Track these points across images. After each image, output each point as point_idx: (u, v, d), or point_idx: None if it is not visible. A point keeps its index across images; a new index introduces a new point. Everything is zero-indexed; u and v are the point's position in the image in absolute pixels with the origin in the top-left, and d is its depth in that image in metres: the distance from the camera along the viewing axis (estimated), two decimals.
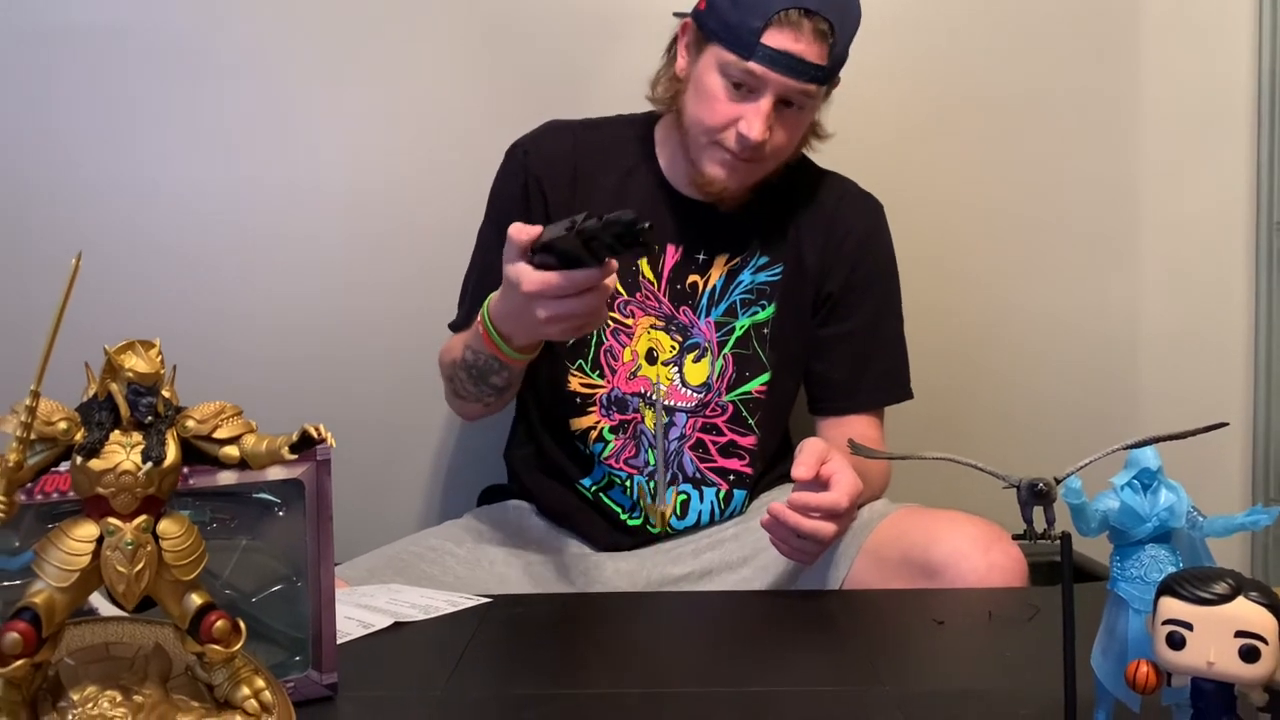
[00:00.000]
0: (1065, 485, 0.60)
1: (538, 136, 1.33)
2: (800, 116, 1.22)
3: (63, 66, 1.60)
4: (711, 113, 1.20)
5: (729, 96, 1.18)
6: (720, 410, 1.29)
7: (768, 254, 1.30)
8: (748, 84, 1.17)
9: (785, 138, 1.22)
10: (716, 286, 1.29)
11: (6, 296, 1.59)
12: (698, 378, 1.29)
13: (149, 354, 0.55)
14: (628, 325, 1.28)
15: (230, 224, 1.62)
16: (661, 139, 1.33)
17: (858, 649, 0.87)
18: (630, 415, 1.28)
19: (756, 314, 1.30)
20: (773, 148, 1.21)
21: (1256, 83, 1.63)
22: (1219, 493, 1.65)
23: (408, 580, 1.16)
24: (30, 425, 0.52)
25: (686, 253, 1.29)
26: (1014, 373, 1.66)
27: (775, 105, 1.18)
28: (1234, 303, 1.66)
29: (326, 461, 0.75)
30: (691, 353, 1.29)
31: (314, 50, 1.61)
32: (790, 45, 1.14)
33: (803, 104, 1.20)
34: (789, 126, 1.21)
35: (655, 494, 1.21)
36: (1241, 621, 0.53)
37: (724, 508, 1.30)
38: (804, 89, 1.17)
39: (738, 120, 1.18)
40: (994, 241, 1.65)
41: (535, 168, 1.30)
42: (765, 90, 1.17)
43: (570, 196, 1.29)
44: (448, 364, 1.24)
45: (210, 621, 0.58)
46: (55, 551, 0.54)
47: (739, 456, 1.30)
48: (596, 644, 0.93)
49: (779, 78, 1.15)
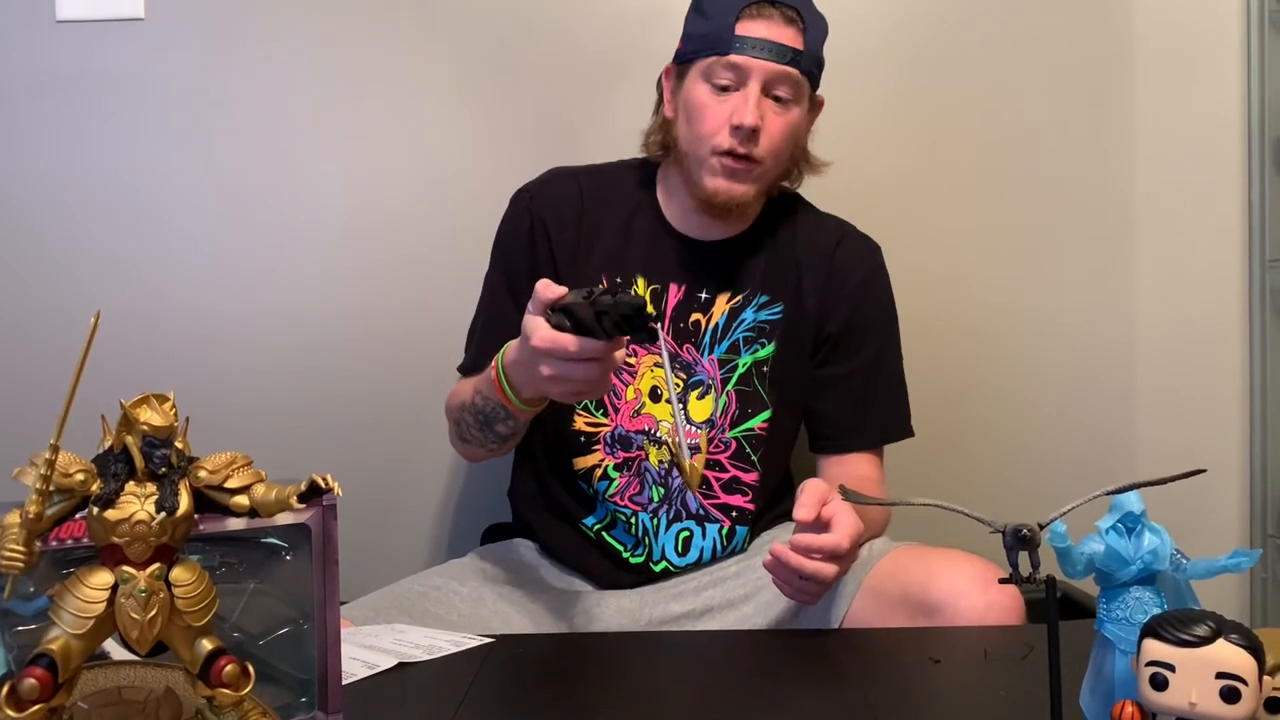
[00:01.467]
0: (1050, 530, 0.62)
1: (543, 182, 1.37)
2: (788, 114, 1.25)
3: (79, 108, 1.63)
4: (703, 121, 1.24)
5: (717, 100, 1.23)
6: (724, 446, 1.31)
7: (768, 293, 1.33)
8: (732, 80, 1.22)
9: (778, 134, 1.24)
10: (719, 324, 1.31)
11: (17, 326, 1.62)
12: (702, 414, 1.30)
13: (163, 407, 0.57)
14: (630, 364, 1.30)
15: (233, 264, 1.65)
16: (662, 181, 1.36)
17: (855, 688, 0.88)
18: (634, 453, 1.30)
19: (757, 351, 1.31)
20: (768, 146, 1.24)
21: (1247, 119, 1.66)
22: (1216, 532, 1.66)
23: (412, 619, 1.17)
24: (49, 477, 0.54)
25: (689, 291, 1.31)
26: (1008, 413, 1.67)
27: (762, 96, 1.22)
28: (1228, 340, 1.67)
29: (333, 506, 0.76)
30: (695, 389, 1.31)
31: (318, 85, 1.64)
32: (764, 32, 1.21)
33: (787, 95, 1.23)
34: (780, 124, 1.24)
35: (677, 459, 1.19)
36: (1222, 663, 0.54)
37: (726, 544, 1.31)
38: (785, 72, 1.21)
39: (730, 118, 1.22)
40: (985, 280, 1.66)
41: (540, 212, 1.33)
42: (749, 78, 1.21)
43: (576, 240, 1.32)
44: (455, 407, 1.26)
45: (220, 666, 0.59)
46: (71, 599, 0.56)
47: (742, 493, 1.31)
48: (599, 684, 0.94)
49: (759, 62, 1.20)
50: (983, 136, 1.65)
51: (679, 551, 1.30)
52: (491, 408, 1.17)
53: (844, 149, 1.63)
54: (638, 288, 1.31)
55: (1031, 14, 1.64)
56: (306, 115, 1.64)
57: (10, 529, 0.54)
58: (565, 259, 1.32)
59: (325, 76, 1.64)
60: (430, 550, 1.67)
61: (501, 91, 1.62)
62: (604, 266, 1.32)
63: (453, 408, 1.28)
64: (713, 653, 1.05)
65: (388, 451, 1.65)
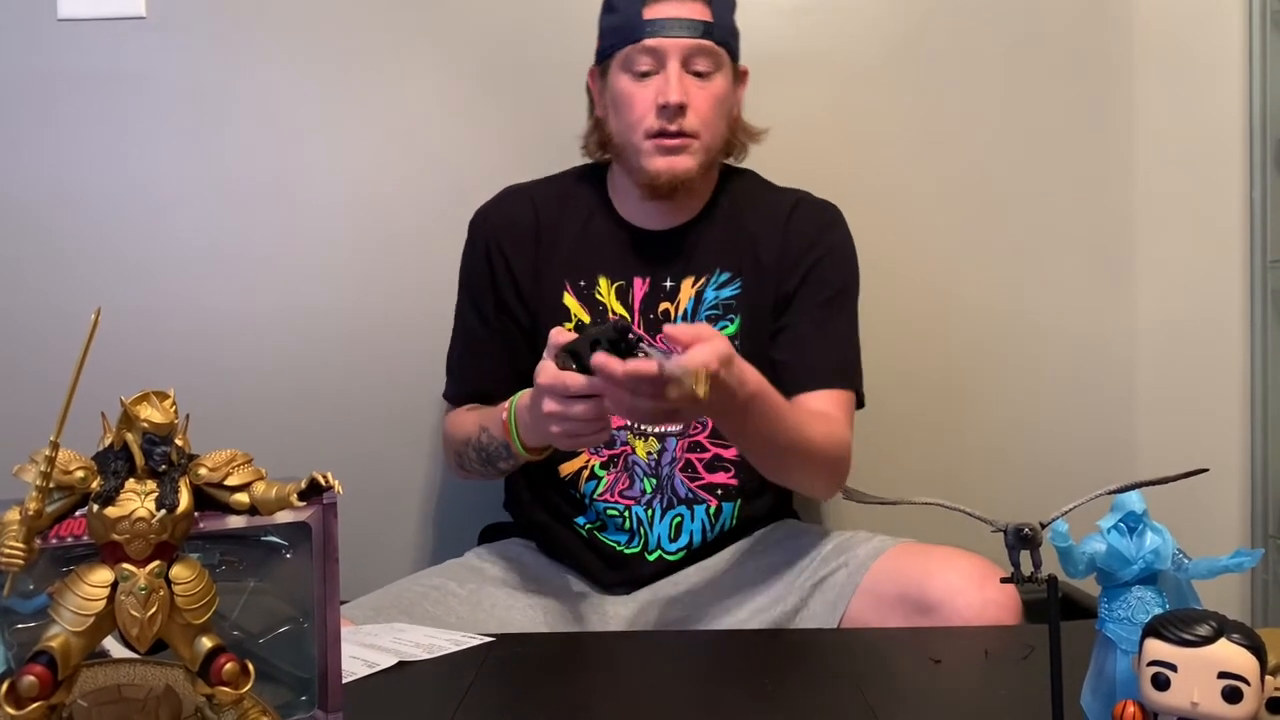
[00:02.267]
0: (1051, 529, 0.61)
1: (496, 203, 1.39)
2: (712, 85, 1.26)
3: (80, 107, 1.63)
4: (631, 109, 1.26)
5: (641, 86, 1.25)
6: (701, 426, 1.31)
7: (728, 269, 1.33)
8: (651, 64, 1.24)
9: (705, 105, 1.25)
10: (688, 309, 1.32)
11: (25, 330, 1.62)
12: None
13: (163, 405, 0.57)
14: None
15: (234, 262, 1.65)
16: (611, 179, 1.38)
17: (854, 688, 0.88)
18: (619, 449, 1.30)
19: (725, 329, 1.31)
20: (698, 118, 1.25)
21: (1248, 120, 1.66)
22: (1217, 532, 1.66)
23: (411, 619, 1.17)
24: (49, 474, 0.54)
25: (654, 282, 1.32)
26: (1009, 413, 1.67)
27: (683, 73, 1.24)
28: (1229, 340, 1.67)
29: (333, 505, 0.76)
30: None
31: (319, 84, 1.64)
32: (672, 11, 1.23)
33: (707, 67, 1.25)
34: (706, 95, 1.26)
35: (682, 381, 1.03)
36: (1224, 663, 0.54)
37: (714, 523, 1.31)
38: (699, 45, 1.24)
39: (655, 99, 1.24)
40: (985, 280, 1.66)
41: (494, 233, 1.35)
42: (667, 58, 1.23)
43: (535, 254, 1.34)
44: (458, 439, 1.28)
45: (220, 664, 0.59)
46: (71, 596, 0.56)
47: (724, 469, 1.31)
48: (598, 684, 0.94)
49: (673, 40, 1.23)
50: (982, 137, 1.65)
51: (671, 538, 1.30)
52: (495, 447, 1.20)
53: (844, 150, 1.64)
54: (600, 289, 1.32)
55: (1032, 15, 1.64)
56: (308, 113, 1.64)
57: (10, 526, 0.54)
58: (526, 275, 1.34)
59: (327, 75, 1.64)
60: (429, 549, 1.67)
61: (504, 92, 1.62)
62: (566, 274, 1.33)
63: (454, 439, 1.30)
64: (713, 653, 1.05)
65: (386, 450, 1.65)
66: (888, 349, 1.60)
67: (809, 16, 1.63)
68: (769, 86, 1.62)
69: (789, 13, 1.63)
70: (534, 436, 1.12)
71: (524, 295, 1.34)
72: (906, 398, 1.63)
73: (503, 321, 1.35)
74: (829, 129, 1.64)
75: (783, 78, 1.63)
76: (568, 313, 1.32)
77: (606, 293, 1.32)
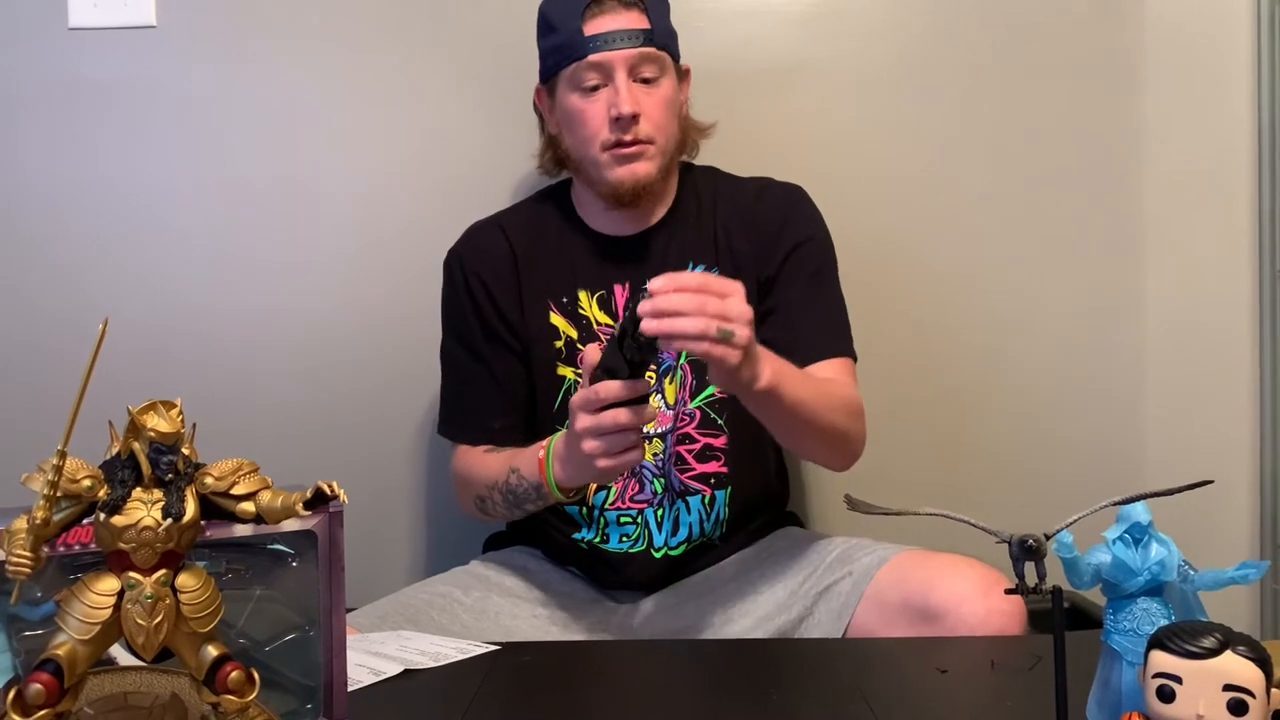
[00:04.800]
0: (1056, 540, 0.61)
1: (466, 239, 1.40)
2: (660, 90, 1.28)
3: (90, 115, 1.64)
4: (584, 124, 1.28)
5: (590, 101, 1.27)
6: (689, 418, 1.31)
7: (703, 262, 1.33)
8: (598, 78, 1.26)
9: (656, 110, 1.28)
10: None
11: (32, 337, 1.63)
12: (673, 395, 1.32)
13: (170, 414, 0.57)
14: None
15: (243, 270, 1.65)
16: (575, 193, 1.39)
17: (860, 698, 0.88)
18: None
19: None
20: (651, 124, 1.27)
21: (1257, 127, 1.65)
22: (1225, 543, 1.65)
23: (417, 627, 1.17)
24: (57, 483, 0.54)
25: (633, 287, 1.33)
26: (1015, 421, 1.66)
27: (631, 81, 1.26)
28: (1238, 349, 1.66)
29: (339, 514, 0.76)
30: (667, 375, 1.32)
31: (328, 92, 1.65)
32: (610, 24, 1.25)
33: (652, 73, 1.27)
34: (656, 101, 1.28)
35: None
36: (1230, 675, 0.54)
37: (709, 513, 1.31)
38: (642, 53, 1.26)
39: (608, 112, 1.26)
40: (992, 288, 1.66)
41: (473, 268, 1.36)
42: (613, 70, 1.25)
43: (515, 283, 1.35)
44: (481, 483, 1.27)
45: (226, 672, 0.59)
46: (78, 604, 0.56)
47: (715, 458, 1.31)
48: (603, 693, 0.94)
49: (615, 53, 1.25)
50: (991, 143, 1.65)
51: (672, 532, 1.30)
52: (525, 488, 1.19)
53: (852, 157, 1.64)
54: (582, 303, 1.33)
55: (1041, 21, 1.64)
56: (317, 121, 1.65)
57: (18, 534, 0.54)
58: (510, 303, 1.34)
59: (335, 83, 1.65)
60: (434, 557, 1.67)
61: (510, 97, 1.62)
62: (548, 294, 1.34)
63: (475, 483, 1.29)
64: (718, 662, 1.05)
65: (392, 458, 1.65)
66: (894, 356, 1.60)
67: (817, 24, 1.63)
68: (779, 94, 1.63)
69: (798, 21, 1.63)
70: (569, 472, 1.11)
71: (511, 324, 1.35)
72: (912, 405, 1.63)
73: (496, 352, 1.35)
74: (838, 136, 1.64)
75: (792, 85, 1.63)
76: (557, 331, 1.33)
77: (589, 305, 1.33)
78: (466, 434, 1.36)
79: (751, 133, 1.61)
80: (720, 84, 1.57)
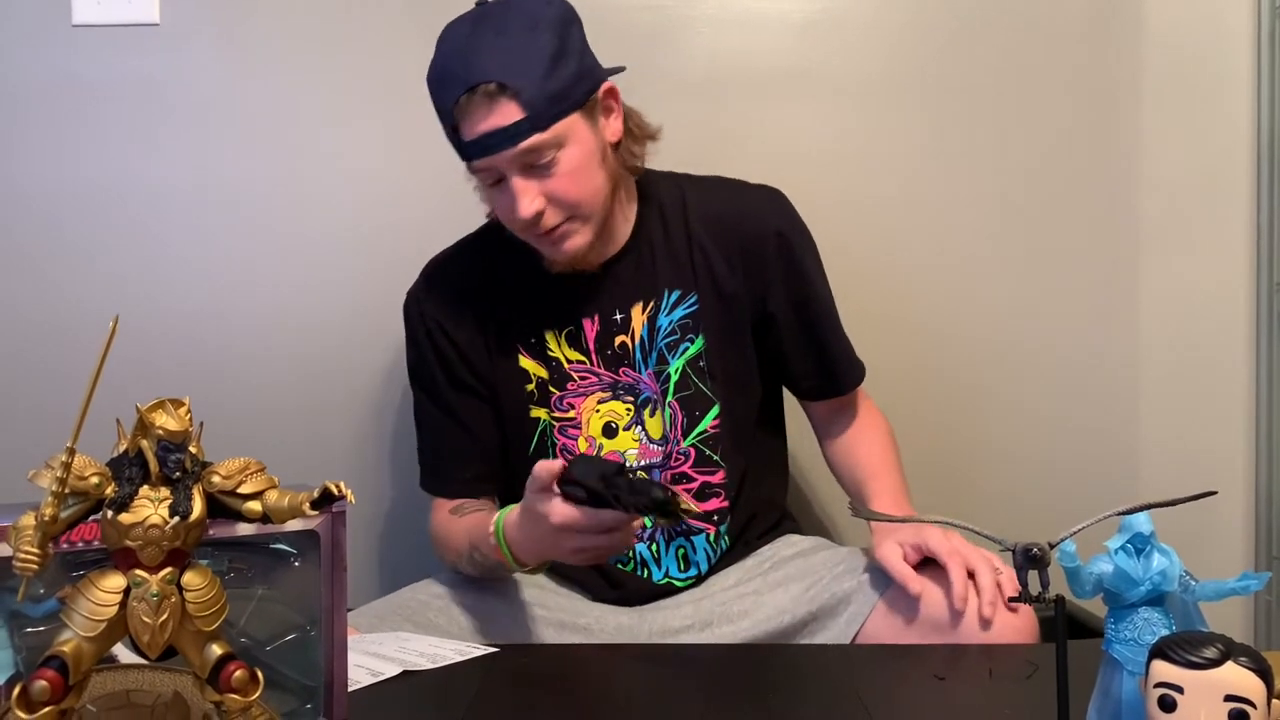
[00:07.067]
0: (1060, 549, 0.62)
1: (425, 284, 1.35)
2: (561, 165, 1.16)
3: (93, 112, 1.64)
4: (500, 213, 1.23)
5: (496, 193, 1.20)
6: (684, 457, 1.29)
7: (679, 287, 1.29)
8: (491, 178, 1.19)
9: (565, 189, 1.17)
10: (644, 337, 1.29)
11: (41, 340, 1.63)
12: (658, 431, 1.29)
13: (178, 412, 0.57)
14: (571, 418, 1.29)
15: (247, 270, 1.65)
16: None
17: (856, 704, 0.88)
18: None
19: (687, 350, 1.28)
20: (565, 205, 1.18)
21: (1256, 142, 1.66)
22: (1220, 553, 1.65)
23: (415, 628, 1.17)
24: (65, 480, 0.55)
25: (603, 319, 1.29)
26: (1012, 430, 1.67)
27: (525, 175, 1.16)
28: (1234, 363, 1.67)
29: (342, 513, 0.76)
30: (646, 407, 1.29)
31: (332, 92, 1.65)
32: (478, 127, 1.13)
33: (545, 158, 1.15)
34: (559, 181, 1.17)
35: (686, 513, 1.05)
36: (1231, 686, 0.54)
37: (715, 548, 1.30)
38: (524, 149, 1.13)
39: (514, 209, 1.17)
40: (988, 299, 1.66)
41: (431, 313, 1.32)
42: (503, 172, 1.16)
43: (475, 323, 1.31)
44: (450, 551, 1.28)
45: (230, 671, 0.59)
46: (84, 601, 0.56)
47: (715, 494, 1.30)
48: (601, 695, 0.94)
49: (496, 158, 1.15)
50: (988, 155, 1.65)
51: (680, 569, 1.30)
52: (490, 564, 1.20)
53: (850, 165, 1.65)
54: (549, 343, 1.29)
55: (1040, 32, 1.65)
56: (320, 121, 1.65)
57: (25, 531, 0.54)
58: (476, 349, 1.31)
59: (339, 83, 1.65)
60: (433, 558, 1.66)
61: None
62: (515, 337, 1.30)
63: (446, 549, 1.29)
64: (715, 666, 1.05)
65: (391, 460, 1.66)
66: (890, 367, 1.60)
67: (815, 31, 1.64)
68: (777, 101, 1.64)
69: (797, 27, 1.64)
70: (532, 555, 1.12)
71: (478, 370, 1.31)
72: (907, 417, 1.63)
73: (464, 400, 1.32)
74: (837, 143, 1.65)
75: (790, 92, 1.63)
76: (527, 374, 1.30)
77: (556, 345, 1.30)
78: (441, 486, 1.34)
79: (748, 140, 1.61)
80: (718, 91, 1.58)
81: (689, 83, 1.56)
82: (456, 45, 1.16)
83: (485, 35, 1.14)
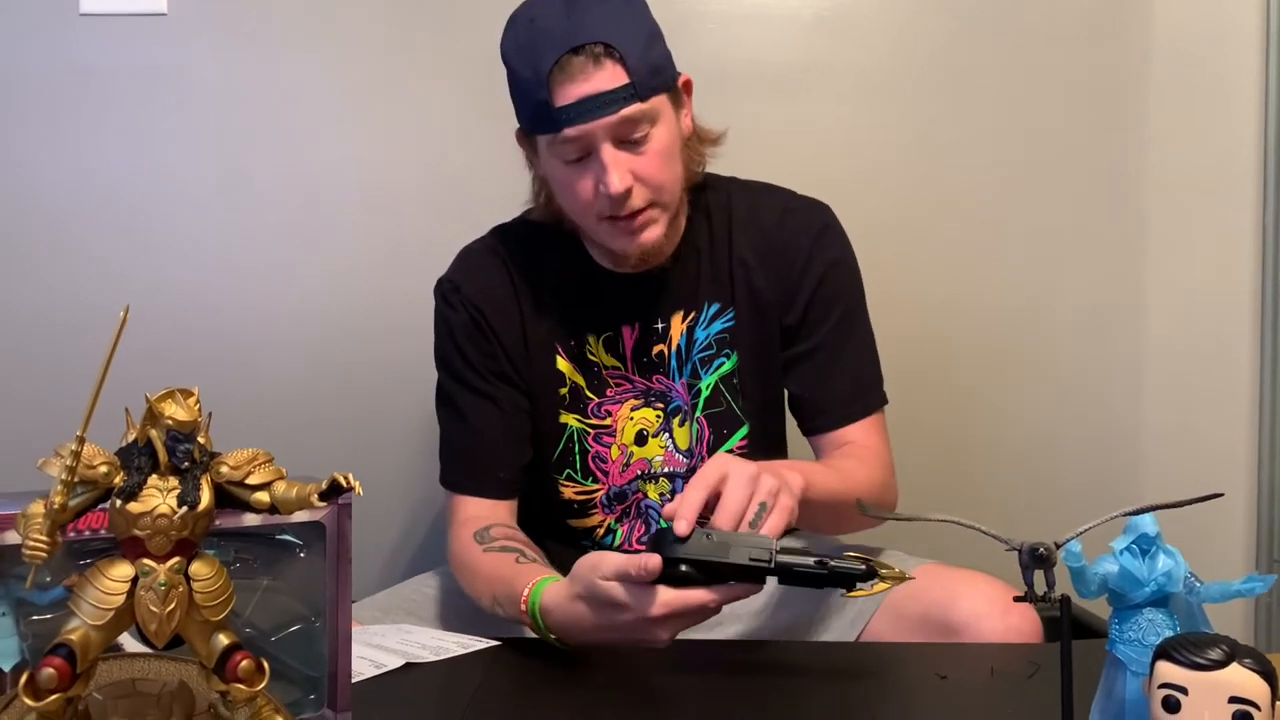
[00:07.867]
0: (1066, 549, 0.62)
1: (464, 271, 1.27)
2: (652, 144, 1.12)
3: (100, 102, 1.65)
4: (574, 196, 1.15)
5: (575, 172, 1.13)
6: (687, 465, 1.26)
7: (718, 300, 1.25)
8: (580, 150, 1.11)
9: (652, 171, 1.13)
10: (680, 347, 1.26)
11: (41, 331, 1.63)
12: (685, 442, 1.26)
13: (188, 402, 0.57)
14: (607, 425, 1.26)
15: (254, 260, 1.66)
16: None
17: (858, 701, 0.88)
18: (631, 499, 1.27)
19: (721, 366, 1.25)
20: (648, 188, 1.13)
21: (1262, 141, 1.66)
22: (1223, 556, 1.66)
23: (419, 620, 1.17)
24: (74, 469, 0.55)
25: (643, 327, 1.25)
26: (1016, 430, 1.67)
27: (617, 148, 1.10)
28: (1238, 363, 1.67)
29: (348, 505, 0.77)
30: (676, 416, 1.26)
31: (338, 82, 1.65)
32: (581, 90, 1.07)
33: (640, 132, 1.11)
34: (649, 161, 1.12)
35: None
36: (1235, 687, 0.54)
37: None
38: (624, 117, 1.09)
39: (598, 187, 1.11)
40: (995, 298, 1.66)
41: (475, 300, 1.24)
42: (595, 143, 1.10)
43: (519, 320, 1.24)
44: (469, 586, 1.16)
45: (236, 661, 0.60)
46: (91, 590, 0.57)
47: None
48: (605, 689, 0.94)
49: (594, 124, 1.08)
50: (995, 155, 1.65)
51: None
52: (512, 618, 1.07)
53: (857, 161, 1.65)
54: (590, 346, 1.25)
55: (1047, 31, 1.65)
56: (326, 111, 1.65)
57: (35, 519, 0.54)
58: (515, 345, 1.24)
59: (345, 74, 1.65)
60: (436, 551, 1.67)
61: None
62: (555, 337, 1.25)
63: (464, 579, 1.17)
64: (719, 662, 1.05)
65: (397, 451, 1.66)
66: (895, 363, 1.59)
67: (825, 27, 1.64)
68: (786, 96, 1.64)
69: (807, 23, 1.64)
70: (580, 638, 0.99)
71: (516, 366, 1.24)
72: (910, 417, 1.63)
73: (501, 388, 1.24)
74: (845, 139, 1.65)
75: (800, 88, 1.63)
76: (562, 378, 1.25)
77: (596, 349, 1.25)
78: (468, 483, 1.24)
79: (758, 136, 1.61)
80: (728, 87, 1.58)
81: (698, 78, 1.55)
82: (554, 8, 1.10)
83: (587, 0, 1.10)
